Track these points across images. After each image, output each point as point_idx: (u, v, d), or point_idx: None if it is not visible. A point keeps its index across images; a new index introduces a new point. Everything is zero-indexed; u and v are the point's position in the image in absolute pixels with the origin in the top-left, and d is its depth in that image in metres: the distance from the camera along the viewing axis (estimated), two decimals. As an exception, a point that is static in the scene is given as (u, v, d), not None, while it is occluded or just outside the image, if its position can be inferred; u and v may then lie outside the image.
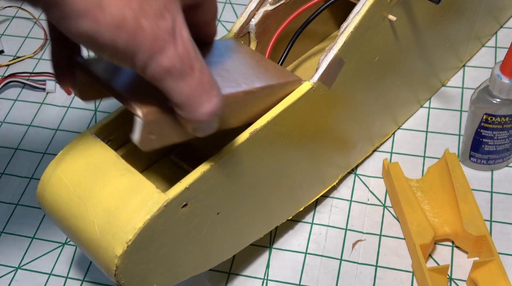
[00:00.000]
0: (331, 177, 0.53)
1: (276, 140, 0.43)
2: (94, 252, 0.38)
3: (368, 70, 0.49)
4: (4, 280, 0.53)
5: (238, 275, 0.51)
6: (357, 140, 0.54)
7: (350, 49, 0.45)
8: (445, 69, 0.61)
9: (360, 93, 0.50)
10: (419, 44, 0.53)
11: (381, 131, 0.57)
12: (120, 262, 0.36)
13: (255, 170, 0.43)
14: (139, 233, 0.36)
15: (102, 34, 0.28)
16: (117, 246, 0.36)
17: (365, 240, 0.52)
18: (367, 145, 0.56)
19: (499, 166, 0.55)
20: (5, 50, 0.72)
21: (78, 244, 0.39)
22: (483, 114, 0.50)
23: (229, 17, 0.72)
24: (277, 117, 0.42)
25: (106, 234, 0.36)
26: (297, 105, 0.43)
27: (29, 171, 0.61)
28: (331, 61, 0.44)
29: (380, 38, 0.47)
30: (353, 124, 0.51)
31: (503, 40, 0.64)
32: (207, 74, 0.32)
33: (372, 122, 0.54)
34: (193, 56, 0.31)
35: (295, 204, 0.50)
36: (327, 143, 0.50)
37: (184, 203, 0.38)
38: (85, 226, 0.37)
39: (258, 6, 0.48)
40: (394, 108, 0.56)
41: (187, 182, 0.38)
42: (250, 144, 0.41)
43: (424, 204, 0.52)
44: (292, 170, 0.47)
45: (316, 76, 0.44)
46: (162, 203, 0.36)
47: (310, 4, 0.47)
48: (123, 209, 0.37)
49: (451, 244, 0.51)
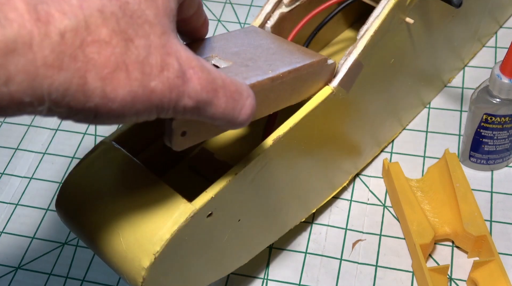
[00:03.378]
0: (341, 179, 0.53)
1: (295, 146, 0.43)
2: (119, 264, 0.37)
3: (383, 73, 0.49)
4: (4, 280, 0.53)
5: (238, 275, 0.51)
6: (368, 142, 0.54)
7: (369, 53, 0.45)
8: (450, 69, 0.61)
9: (374, 96, 0.50)
10: (430, 45, 0.53)
11: (389, 133, 0.57)
12: (147, 274, 0.36)
13: (275, 176, 0.43)
14: (167, 244, 0.35)
15: (123, 113, 0.28)
16: (144, 258, 0.35)
17: (365, 240, 0.52)
18: (375, 147, 0.56)
19: (499, 166, 0.55)
20: (5, 50, 0.72)
21: (102, 256, 0.38)
22: (483, 114, 0.50)
23: (229, 17, 0.72)
24: (299, 123, 0.41)
25: (132, 245, 0.36)
26: (317, 110, 0.43)
27: (29, 171, 0.61)
28: (351, 66, 0.44)
29: (396, 40, 0.47)
30: (365, 126, 0.51)
31: (503, 40, 0.64)
32: (230, 84, 0.32)
33: (383, 123, 0.54)
34: (210, 79, 0.31)
35: (308, 207, 0.51)
36: (340, 146, 0.50)
37: (209, 212, 0.38)
38: (110, 238, 0.37)
39: (274, 8, 0.48)
40: (401, 110, 0.56)
41: (213, 191, 0.37)
42: (273, 150, 0.41)
43: (424, 204, 0.52)
44: (307, 174, 0.47)
45: (336, 81, 0.43)
46: (189, 214, 0.36)
47: (325, 6, 0.47)
48: (149, 220, 0.36)
49: (451, 244, 0.51)
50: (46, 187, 0.59)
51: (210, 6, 0.73)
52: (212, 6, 0.73)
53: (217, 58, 0.39)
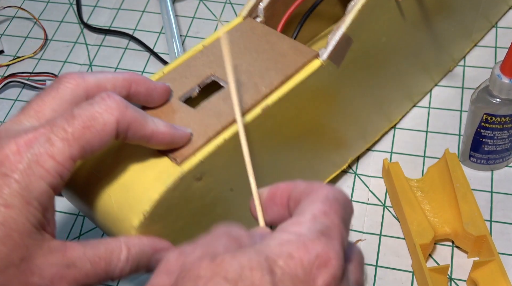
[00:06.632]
0: (329, 170, 0.54)
1: (287, 119, 0.44)
2: (111, 225, 0.38)
3: (375, 51, 0.49)
4: (4, 280, 0.53)
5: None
6: (358, 133, 0.54)
7: (357, 28, 0.45)
8: (450, 56, 0.61)
9: (367, 76, 0.50)
10: (427, 26, 0.53)
11: (397, 109, 0.57)
12: (138, 233, 0.37)
13: (267, 147, 0.44)
14: (155, 204, 0.36)
15: None
16: (134, 217, 0.36)
17: (365, 240, 0.52)
18: (365, 139, 0.56)
19: (499, 166, 0.55)
20: (5, 50, 0.72)
21: (95, 220, 0.40)
22: (483, 114, 0.50)
23: (229, 17, 0.72)
24: (288, 93, 0.42)
25: (123, 206, 0.37)
26: (307, 82, 0.43)
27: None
28: (339, 39, 0.45)
29: (386, 18, 0.48)
30: (365, 102, 0.52)
31: (503, 40, 0.64)
32: (94, 256, 0.34)
33: (386, 99, 0.55)
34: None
35: None
36: (330, 133, 0.50)
37: (198, 176, 0.39)
38: (102, 201, 0.38)
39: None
40: (407, 86, 0.57)
41: (201, 155, 0.38)
42: (262, 119, 0.41)
43: (424, 204, 0.52)
44: (302, 149, 0.48)
45: (325, 54, 0.44)
46: (177, 175, 0.37)
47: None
48: (139, 182, 0.37)
49: (451, 244, 0.51)
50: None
51: (210, 6, 0.74)
52: (212, 6, 0.74)
53: (215, 76, 0.43)
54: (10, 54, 0.72)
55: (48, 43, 0.72)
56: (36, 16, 0.74)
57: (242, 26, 0.46)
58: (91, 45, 0.71)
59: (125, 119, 0.34)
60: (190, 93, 0.42)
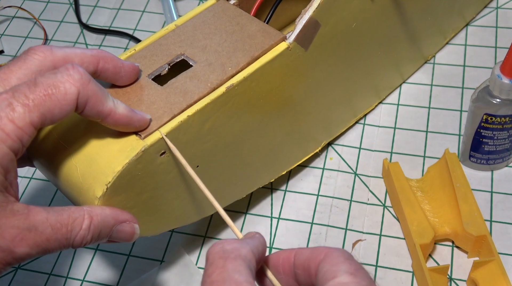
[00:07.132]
0: (313, 143, 0.55)
1: (254, 100, 0.45)
2: (76, 195, 0.39)
3: (346, 37, 0.50)
4: (4, 280, 0.53)
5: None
6: (337, 107, 0.55)
7: (325, 12, 0.46)
8: (428, 44, 0.61)
9: (339, 60, 0.51)
10: (400, 18, 0.54)
11: (363, 102, 0.58)
12: (100, 203, 0.38)
13: (234, 127, 0.45)
14: (118, 176, 0.38)
15: None
16: (97, 188, 0.38)
17: (365, 240, 0.52)
18: (348, 114, 0.57)
19: (499, 166, 0.55)
20: (5, 50, 0.72)
21: (61, 189, 0.41)
22: (483, 114, 0.50)
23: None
24: (254, 74, 0.43)
25: (88, 177, 0.38)
26: (274, 64, 0.44)
27: (29, 170, 0.61)
28: (306, 23, 0.45)
29: (356, 4, 0.49)
30: (333, 90, 0.52)
31: (503, 40, 0.64)
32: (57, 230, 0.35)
33: (354, 91, 0.55)
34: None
35: (277, 167, 0.52)
36: (306, 107, 0.51)
37: (162, 151, 0.40)
38: (68, 171, 0.39)
39: None
40: (376, 80, 0.57)
41: (164, 130, 0.39)
42: (227, 98, 0.42)
43: (424, 204, 0.52)
44: (271, 131, 0.49)
45: (292, 37, 0.45)
46: (140, 148, 0.38)
47: None
48: (104, 155, 0.39)
49: (451, 244, 0.51)
50: (45, 187, 0.59)
51: (210, 6, 0.74)
52: (212, 6, 0.74)
53: (185, 55, 0.44)
54: (10, 54, 0.72)
55: (48, 43, 0.72)
56: (36, 16, 0.74)
57: (215, 7, 0.48)
58: (91, 45, 0.71)
59: (86, 92, 0.35)
60: (159, 71, 0.44)
